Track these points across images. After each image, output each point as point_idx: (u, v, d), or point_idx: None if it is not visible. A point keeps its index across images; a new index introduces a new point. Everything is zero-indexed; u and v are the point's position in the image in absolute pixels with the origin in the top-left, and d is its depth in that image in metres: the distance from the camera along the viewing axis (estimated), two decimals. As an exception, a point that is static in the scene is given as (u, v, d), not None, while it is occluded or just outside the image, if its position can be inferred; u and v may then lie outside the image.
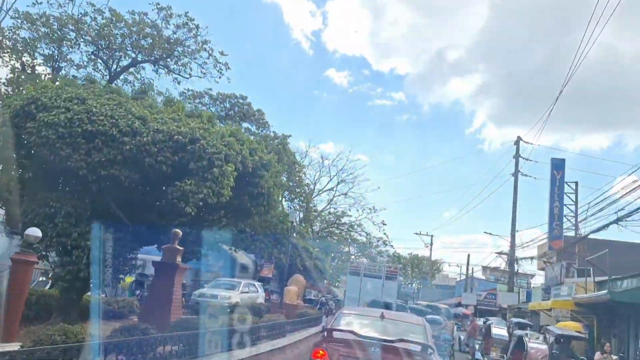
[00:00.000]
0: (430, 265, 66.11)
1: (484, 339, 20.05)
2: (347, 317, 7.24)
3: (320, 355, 6.11)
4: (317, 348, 6.26)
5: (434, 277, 70.70)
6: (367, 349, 5.97)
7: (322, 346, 6.23)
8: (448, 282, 62.96)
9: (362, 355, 5.92)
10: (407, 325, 7.13)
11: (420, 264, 75.78)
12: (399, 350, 5.92)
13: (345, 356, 5.99)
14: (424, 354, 6.01)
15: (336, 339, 6.30)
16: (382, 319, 6.94)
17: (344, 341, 6.20)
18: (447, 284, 61.78)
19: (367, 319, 7.20)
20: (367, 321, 7.04)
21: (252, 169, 9.74)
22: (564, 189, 27.62)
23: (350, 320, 7.05)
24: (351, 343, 6.10)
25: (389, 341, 6.01)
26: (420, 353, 5.99)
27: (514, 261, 35.14)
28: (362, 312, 8.08)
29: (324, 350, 6.14)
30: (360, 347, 6.03)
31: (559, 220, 27.43)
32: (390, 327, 6.76)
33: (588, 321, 19.69)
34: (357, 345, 6.06)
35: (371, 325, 6.84)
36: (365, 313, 7.95)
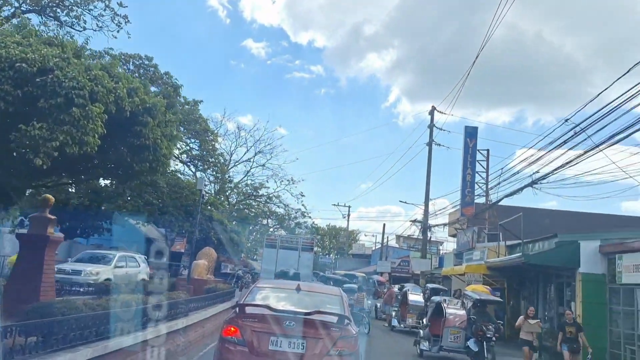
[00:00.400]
0: (347, 235, 66.65)
1: (401, 306, 19.78)
2: (261, 290, 6.88)
3: (232, 332, 5.76)
4: (228, 325, 5.88)
5: (350, 247, 71.46)
6: (282, 323, 5.66)
7: (234, 323, 5.85)
8: (364, 251, 63.89)
9: (277, 329, 5.65)
10: (324, 296, 6.90)
11: (337, 234, 76.42)
12: (315, 323, 5.69)
13: (259, 332, 5.68)
14: (340, 325, 5.82)
15: (249, 314, 5.94)
16: (298, 291, 6.69)
17: (258, 316, 5.85)
18: (364, 252, 62.63)
19: (282, 292, 6.95)
20: (282, 294, 6.80)
21: (131, 114, 7.85)
22: (476, 157, 27.96)
23: (264, 294, 6.74)
24: (265, 318, 5.76)
25: (305, 314, 5.75)
26: (336, 324, 5.80)
27: (427, 229, 35.68)
28: (277, 285, 7.74)
29: (236, 326, 5.77)
30: (275, 321, 5.70)
31: (470, 187, 27.80)
32: (306, 300, 6.55)
33: (499, 284, 19.98)
34: (271, 319, 5.72)
35: (286, 298, 6.62)
36: (280, 286, 7.65)
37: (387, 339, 17.33)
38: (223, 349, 5.77)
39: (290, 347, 5.58)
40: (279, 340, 5.61)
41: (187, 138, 34.18)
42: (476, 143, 28.05)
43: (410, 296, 18.97)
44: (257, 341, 5.61)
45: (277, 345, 5.59)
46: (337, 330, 5.74)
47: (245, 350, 5.60)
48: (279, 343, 5.60)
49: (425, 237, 35.37)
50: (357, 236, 76.99)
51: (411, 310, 18.66)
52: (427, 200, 35.08)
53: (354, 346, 5.81)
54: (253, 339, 5.63)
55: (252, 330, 5.67)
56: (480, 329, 12.65)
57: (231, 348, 5.69)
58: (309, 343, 5.59)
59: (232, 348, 5.68)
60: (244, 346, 5.63)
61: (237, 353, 5.62)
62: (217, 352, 5.92)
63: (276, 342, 5.61)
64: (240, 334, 5.68)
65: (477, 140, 28.12)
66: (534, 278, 18.58)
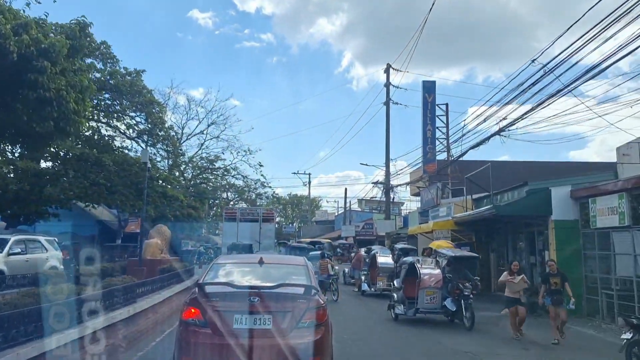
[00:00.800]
0: (309, 203, 65.76)
1: (370, 269, 18.97)
2: (221, 267, 6.51)
3: (193, 314, 5.39)
4: (188, 307, 5.50)
5: (313, 215, 70.79)
6: (245, 299, 5.36)
7: (194, 304, 5.46)
8: (327, 217, 63.27)
9: (241, 307, 5.33)
10: (288, 267, 6.68)
11: (299, 203, 75.50)
12: (280, 296, 5.44)
13: (222, 311, 5.33)
14: (307, 296, 5.57)
15: (210, 293, 5.55)
16: (260, 264, 6.34)
17: (220, 294, 5.52)
18: (327, 219, 62.02)
19: (244, 266, 6.67)
20: (245, 269, 6.52)
21: (21, 57, 6.21)
22: (436, 112, 27.16)
23: (225, 270, 6.39)
24: (227, 295, 5.48)
25: (269, 288, 5.50)
26: (303, 295, 5.55)
27: (390, 189, 35.04)
28: (238, 260, 7.49)
29: (196, 308, 5.41)
30: (238, 298, 5.40)
31: (432, 144, 27.04)
32: (270, 273, 6.28)
33: (467, 239, 19.45)
34: (234, 297, 5.44)
35: (249, 273, 6.34)
36: (241, 261, 7.43)
37: (358, 305, 16.50)
38: (184, 333, 5.38)
39: (256, 324, 5.29)
40: (243, 318, 5.30)
41: (132, 112, 31.90)
42: (435, 98, 27.20)
43: (379, 258, 18.15)
44: (220, 321, 5.27)
45: (242, 323, 5.29)
46: (305, 302, 5.47)
47: (208, 331, 5.26)
48: (243, 321, 5.30)
49: (388, 198, 34.76)
50: (319, 203, 76.36)
51: (381, 273, 17.87)
52: (388, 160, 34.35)
53: (324, 316, 5.54)
54: (216, 319, 5.28)
55: (214, 310, 5.33)
56: (457, 287, 12.01)
57: (193, 331, 5.32)
58: (275, 318, 5.32)
59: (194, 331, 5.32)
60: (207, 327, 5.28)
61: (199, 336, 5.26)
62: (178, 337, 5.50)
63: (240, 319, 5.30)
64: (202, 315, 5.33)
65: (435, 95, 27.27)
66: (502, 229, 18.10)
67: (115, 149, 30.34)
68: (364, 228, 53.15)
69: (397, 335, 11.08)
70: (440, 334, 11.17)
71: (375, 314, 14.11)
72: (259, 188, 47.45)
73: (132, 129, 33.19)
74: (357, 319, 13.21)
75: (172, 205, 34.22)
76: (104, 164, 23.34)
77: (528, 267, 16.05)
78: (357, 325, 12.03)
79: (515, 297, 10.38)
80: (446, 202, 23.40)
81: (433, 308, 12.12)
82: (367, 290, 18.37)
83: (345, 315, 13.60)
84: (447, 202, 23.55)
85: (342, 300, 16.83)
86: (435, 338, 10.70)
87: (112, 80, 28.71)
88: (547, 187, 14.48)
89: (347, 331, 10.92)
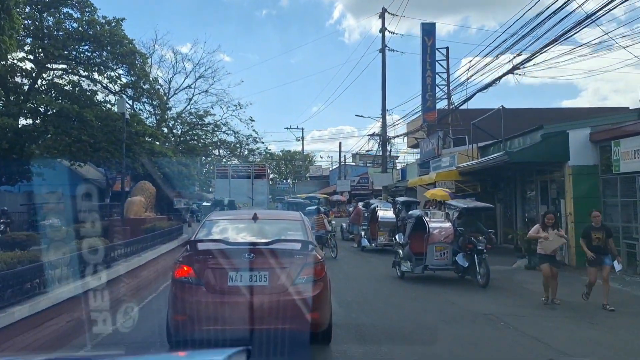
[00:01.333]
0: (302, 159, 64.37)
1: (370, 224, 17.86)
2: (215, 224, 6.27)
3: (185, 272, 5.21)
4: (180, 265, 5.31)
5: (307, 171, 69.57)
6: (240, 256, 5.17)
7: (187, 262, 5.29)
8: (322, 172, 62.04)
9: (236, 264, 5.14)
10: (284, 223, 6.51)
11: (293, 159, 74.05)
12: (276, 252, 5.25)
13: (216, 268, 5.17)
14: (304, 251, 5.39)
15: (203, 251, 5.41)
16: (255, 220, 6.06)
17: (213, 252, 5.33)
18: (321, 174, 60.83)
19: (238, 222, 6.48)
20: (239, 225, 6.33)
21: None
22: (435, 57, 25.44)
23: (219, 227, 6.18)
24: (221, 253, 5.26)
25: (264, 244, 5.32)
26: (300, 251, 5.37)
27: (387, 141, 33.67)
28: (231, 217, 7.26)
29: (189, 266, 5.23)
30: (233, 255, 5.21)
31: (431, 91, 25.42)
32: (265, 228, 6.05)
33: (472, 189, 18.29)
34: (228, 254, 5.23)
35: (243, 229, 6.15)
36: (235, 217, 7.25)
37: (359, 262, 15.48)
38: (177, 292, 5.19)
39: (252, 281, 5.12)
40: (238, 275, 5.14)
41: (114, 64, 29.97)
42: (434, 41, 25.39)
43: (379, 212, 17.01)
44: (214, 278, 5.14)
45: (238, 281, 5.13)
46: (302, 257, 5.31)
47: (202, 289, 5.09)
48: (239, 278, 5.14)
49: (385, 150, 33.40)
50: (313, 159, 74.90)
51: (382, 227, 16.77)
52: (384, 111, 32.78)
53: (321, 272, 5.36)
54: (210, 276, 5.14)
55: (208, 268, 5.18)
56: (469, 241, 10.91)
57: (186, 289, 5.14)
58: (272, 274, 5.16)
59: (187, 289, 5.13)
60: (201, 285, 5.11)
61: (193, 294, 5.09)
62: (172, 296, 5.27)
63: (236, 277, 5.14)
64: (195, 273, 5.16)
65: (435, 38, 25.45)
66: (511, 178, 16.90)
67: (97, 103, 28.56)
68: (360, 182, 52.15)
69: (405, 295, 10.02)
70: (453, 292, 10.11)
71: (378, 272, 13.05)
72: (250, 144, 45.70)
73: (114, 82, 31.25)
74: (360, 278, 12.16)
75: (160, 162, 32.83)
76: (86, 120, 21.80)
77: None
78: (360, 285, 10.99)
79: (548, 253, 9.03)
80: (448, 152, 22.15)
81: (444, 265, 11.07)
82: (367, 245, 17.32)
83: (347, 274, 12.54)
84: (448, 151, 22.30)
85: (341, 256, 15.78)
86: (448, 298, 9.64)
87: (91, 30, 26.72)
88: (565, 131, 13.19)
89: (350, 292, 9.85)
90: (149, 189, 15.93)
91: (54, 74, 26.58)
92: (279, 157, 71.36)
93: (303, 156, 60.24)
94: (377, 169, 58.38)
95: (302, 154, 59.01)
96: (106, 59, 28.45)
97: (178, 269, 5.27)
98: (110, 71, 29.54)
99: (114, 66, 29.33)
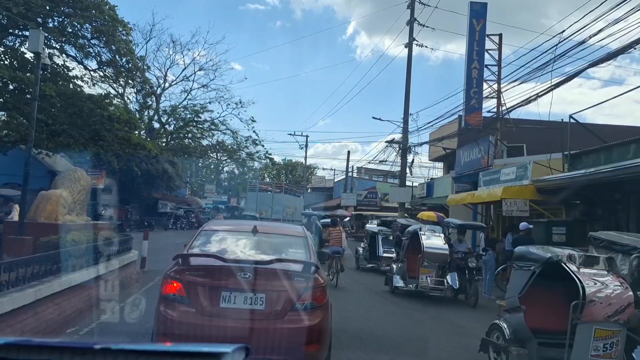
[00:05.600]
0: (304, 169, 58.26)
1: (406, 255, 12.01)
2: (210, 235, 5.65)
3: (174, 289, 4.70)
4: (169, 280, 4.79)
5: (309, 182, 63.47)
6: (235, 274, 4.66)
7: (176, 277, 4.76)
8: (325, 184, 56.20)
9: (230, 283, 4.67)
10: (285, 238, 5.86)
11: (294, 169, 68.28)
12: (275, 273, 4.74)
13: (207, 287, 4.67)
14: (306, 274, 4.80)
15: (195, 267, 4.90)
16: (254, 234, 5.47)
17: (205, 268, 4.86)
18: (324, 186, 55.00)
19: (236, 235, 5.76)
20: (236, 238, 5.62)
21: None
22: (485, 45, 19.87)
23: (214, 238, 5.58)
24: (214, 269, 4.80)
25: (263, 263, 4.82)
26: (301, 273, 4.79)
27: (407, 150, 27.72)
28: (229, 228, 6.40)
29: (179, 282, 4.72)
30: (227, 273, 4.72)
31: (478, 87, 19.87)
32: (265, 244, 5.46)
33: (550, 212, 12.55)
34: (222, 271, 4.76)
35: (240, 243, 5.51)
36: (233, 228, 6.35)
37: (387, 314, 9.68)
38: (163, 311, 4.72)
39: (247, 303, 4.64)
40: (232, 296, 4.65)
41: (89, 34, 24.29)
42: (485, 25, 19.97)
43: (425, 240, 11.14)
44: (205, 298, 4.66)
45: (231, 302, 4.64)
46: (303, 280, 4.78)
47: (191, 310, 4.62)
48: (232, 299, 4.65)
49: (405, 160, 27.35)
50: (315, 171, 69.17)
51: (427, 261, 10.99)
52: (407, 114, 27.24)
53: (323, 297, 4.88)
54: (200, 295, 4.67)
55: (199, 285, 4.70)
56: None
57: (173, 308, 4.67)
58: (269, 297, 4.68)
59: (174, 308, 4.66)
60: (190, 305, 4.64)
61: (181, 314, 4.61)
62: (158, 314, 4.82)
63: (229, 298, 4.65)
64: (185, 291, 4.68)
65: (486, 22, 19.92)
66: (623, 201, 11.09)
67: (67, 78, 22.73)
68: (367, 197, 46.40)
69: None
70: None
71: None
72: (250, 146, 40.08)
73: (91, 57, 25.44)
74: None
75: (139, 156, 26.90)
76: (44, 95, 16.52)
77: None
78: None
79: None
80: (501, 164, 16.44)
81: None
82: (401, 286, 11.38)
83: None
84: (502, 163, 16.60)
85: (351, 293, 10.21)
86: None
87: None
88: None
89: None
90: (82, 179, 10.21)
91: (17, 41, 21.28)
92: (279, 167, 65.63)
93: (305, 166, 54.29)
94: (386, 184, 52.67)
95: (305, 163, 53.12)
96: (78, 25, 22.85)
97: (167, 285, 4.81)
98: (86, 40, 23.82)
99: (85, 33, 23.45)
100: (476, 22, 20.16)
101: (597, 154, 11.90)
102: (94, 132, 23.41)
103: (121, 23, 23.86)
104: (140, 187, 31.43)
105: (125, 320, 7.01)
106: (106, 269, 8.77)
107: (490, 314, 9.73)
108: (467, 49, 20.27)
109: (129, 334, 6.33)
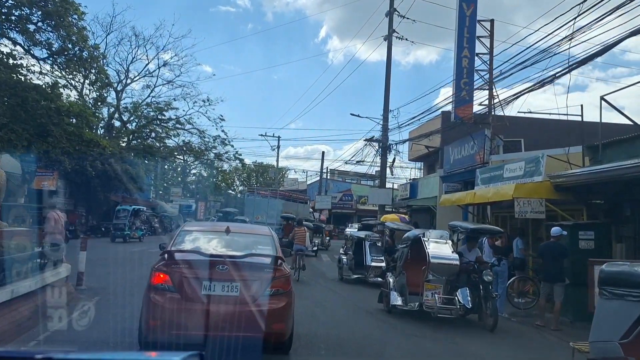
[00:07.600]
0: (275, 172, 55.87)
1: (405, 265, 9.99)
2: (189, 234, 6.41)
3: (162, 279, 5.42)
4: (157, 272, 5.52)
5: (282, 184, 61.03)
6: (214, 267, 5.42)
7: (163, 269, 5.51)
8: (298, 186, 53.90)
9: (209, 274, 5.39)
10: (255, 237, 6.69)
11: (265, 171, 65.76)
12: (248, 265, 5.54)
13: (190, 277, 5.37)
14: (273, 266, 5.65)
15: (179, 261, 5.58)
16: (227, 233, 6.32)
17: (188, 262, 5.54)
18: (297, 188, 52.67)
19: (212, 234, 6.60)
20: (212, 237, 6.44)
21: None
22: (476, 32, 18.13)
23: (193, 237, 6.33)
24: (196, 263, 5.51)
25: (238, 257, 5.61)
26: (269, 265, 5.64)
27: (387, 148, 25.80)
28: (205, 228, 7.44)
29: (165, 273, 5.45)
30: (206, 266, 5.44)
31: (468, 77, 18.10)
32: (237, 242, 6.31)
33: (569, 214, 10.77)
34: (202, 264, 5.47)
35: (216, 241, 6.28)
36: (209, 229, 7.40)
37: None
38: (153, 298, 5.37)
39: (224, 291, 5.40)
40: (212, 285, 5.40)
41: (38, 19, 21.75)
42: (476, 10, 18.30)
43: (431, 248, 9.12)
44: (188, 287, 5.37)
45: (211, 290, 5.38)
46: (271, 271, 5.59)
47: (176, 296, 5.34)
48: (212, 287, 5.39)
49: (385, 159, 25.49)
50: (287, 173, 66.75)
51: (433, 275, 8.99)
52: (387, 111, 25.48)
53: (287, 285, 5.73)
54: (185, 285, 5.37)
55: (182, 276, 5.40)
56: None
57: (162, 296, 5.36)
58: (243, 285, 5.45)
59: (162, 295, 5.36)
60: (175, 292, 5.37)
61: (168, 300, 5.31)
62: (146, 302, 5.45)
63: (209, 286, 5.39)
64: (171, 281, 5.40)
65: (476, 6, 18.20)
66: None
67: (8, 66, 19.94)
68: (342, 200, 44.47)
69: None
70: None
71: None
72: (218, 146, 37.52)
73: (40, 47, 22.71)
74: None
75: (92, 154, 24.15)
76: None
77: None
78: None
79: None
80: (499, 160, 14.68)
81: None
82: (399, 305, 9.25)
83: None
84: (498, 158, 14.87)
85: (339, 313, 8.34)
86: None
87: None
88: None
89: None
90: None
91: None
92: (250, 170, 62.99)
93: (276, 169, 51.85)
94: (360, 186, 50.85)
95: (277, 166, 50.67)
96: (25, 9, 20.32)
97: (155, 276, 5.47)
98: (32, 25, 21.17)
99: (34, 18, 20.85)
100: (466, 7, 18.42)
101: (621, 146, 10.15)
102: (39, 127, 20.73)
103: (72, 5, 21.15)
104: (97, 189, 28.49)
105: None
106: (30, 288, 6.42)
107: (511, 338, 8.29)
108: (456, 37, 18.49)
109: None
